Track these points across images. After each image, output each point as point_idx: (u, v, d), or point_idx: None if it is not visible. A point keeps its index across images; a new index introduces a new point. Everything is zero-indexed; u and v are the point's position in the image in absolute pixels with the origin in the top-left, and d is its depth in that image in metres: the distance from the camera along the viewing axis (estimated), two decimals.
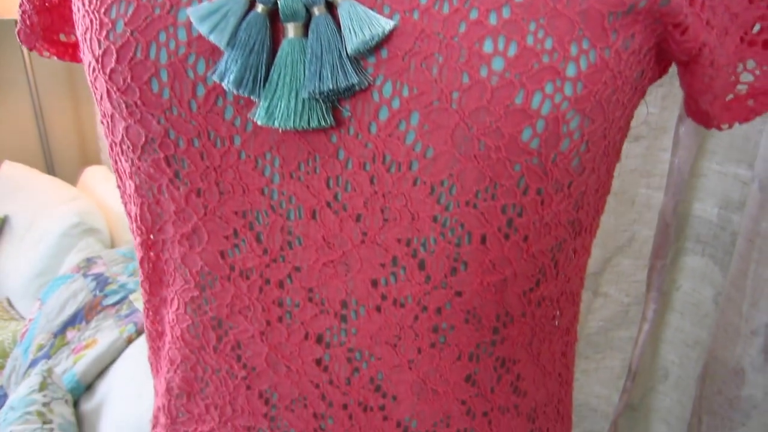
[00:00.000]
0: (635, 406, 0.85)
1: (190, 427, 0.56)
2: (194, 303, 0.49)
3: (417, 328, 0.46)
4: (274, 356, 0.48)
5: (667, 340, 0.83)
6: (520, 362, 0.49)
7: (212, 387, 0.52)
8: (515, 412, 0.51)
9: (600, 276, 0.79)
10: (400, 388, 0.48)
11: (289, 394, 0.50)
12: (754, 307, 0.61)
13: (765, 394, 0.62)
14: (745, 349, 0.63)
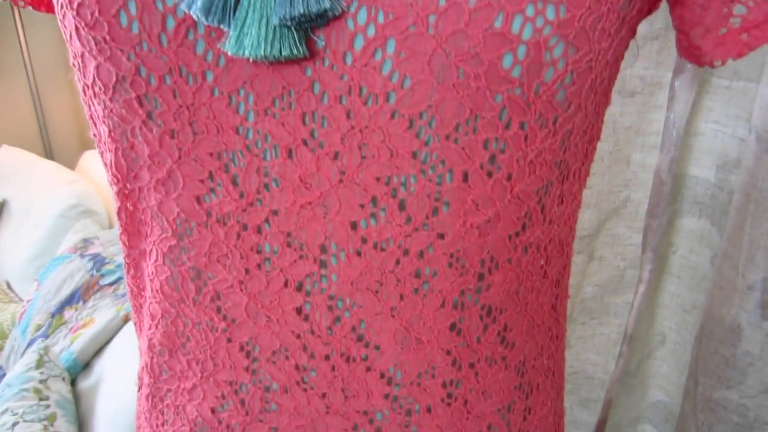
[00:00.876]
0: (632, 372, 0.84)
1: (173, 385, 0.55)
2: (172, 253, 0.48)
3: (399, 273, 0.44)
4: (253, 306, 0.47)
5: (664, 305, 0.81)
6: (507, 311, 0.48)
7: (193, 341, 0.51)
8: (503, 365, 0.50)
9: (595, 239, 0.78)
10: (383, 336, 0.47)
11: (270, 346, 0.48)
12: (751, 261, 0.60)
13: (762, 350, 0.61)
14: (741, 305, 0.61)
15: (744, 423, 0.65)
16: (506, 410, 0.52)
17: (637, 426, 0.89)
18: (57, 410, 1.26)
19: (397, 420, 0.50)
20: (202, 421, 0.54)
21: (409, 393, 0.49)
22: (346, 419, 0.50)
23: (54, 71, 2.53)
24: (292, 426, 0.51)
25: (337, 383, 0.49)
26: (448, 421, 0.50)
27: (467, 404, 0.50)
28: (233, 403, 0.52)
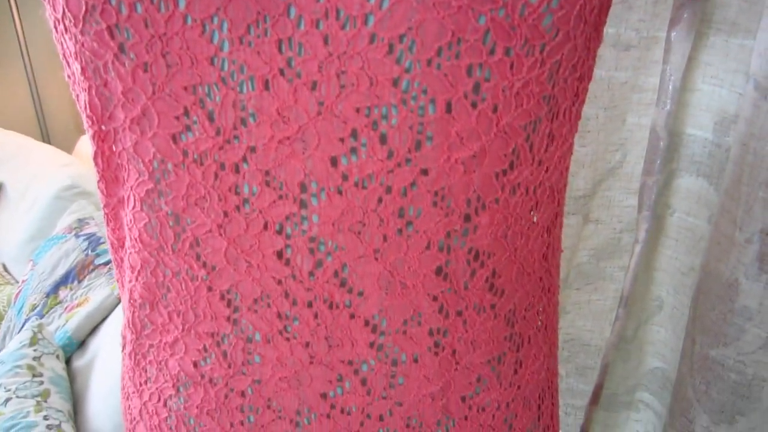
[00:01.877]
0: (628, 338, 0.83)
1: (155, 340, 0.54)
2: (149, 198, 0.46)
3: (381, 213, 0.43)
4: (233, 251, 0.46)
5: (661, 269, 0.80)
6: (495, 256, 0.46)
7: (173, 292, 0.49)
8: (492, 313, 0.49)
9: (590, 200, 0.76)
10: (367, 281, 0.45)
11: (251, 293, 0.47)
12: (748, 214, 0.58)
13: (760, 305, 0.59)
14: (739, 259, 0.60)
15: (742, 381, 0.63)
16: (496, 362, 0.51)
17: (635, 394, 0.87)
18: (50, 387, 1.25)
19: (383, 370, 0.48)
20: (184, 375, 0.52)
21: (395, 341, 0.47)
22: (331, 370, 0.49)
23: (51, 56, 2.51)
24: (276, 378, 0.50)
25: (320, 331, 0.47)
26: (435, 372, 0.49)
27: (455, 354, 0.49)
28: (215, 356, 0.50)
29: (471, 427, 0.52)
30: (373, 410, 0.50)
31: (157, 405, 0.56)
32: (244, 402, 0.51)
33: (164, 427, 0.56)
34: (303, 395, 0.50)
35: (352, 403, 0.49)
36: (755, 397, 0.63)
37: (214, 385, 0.51)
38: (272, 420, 0.51)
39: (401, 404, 0.49)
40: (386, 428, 0.50)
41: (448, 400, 0.50)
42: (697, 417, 0.67)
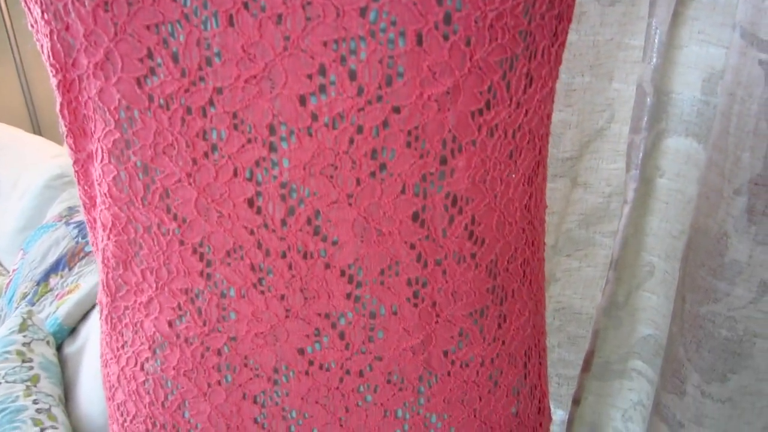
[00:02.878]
0: (619, 305, 0.82)
1: (129, 301, 0.52)
2: (117, 148, 0.45)
3: (354, 154, 0.41)
4: (203, 201, 0.44)
5: (652, 233, 0.79)
6: (474, 202, 0.45)
7: (146, 249, 0.48)
8: (472, 263, 0.47)
9: (578, 162, 0.75)
10: (341, 228, 0.44)
11: (223, 245, 0.46)
12: (737, 165, 0.57)
13: (749, 257, 0.58)
14: (728, 212, 0.58)
15: (733, 337, 0.62)
16: (479, 315, 0.50)
17: (627, 362, 0.86)
18: (40, 372, 1.24)
19: (361, 323, 0.47)
20: (160, 336, 0.51)
21: (373, 292, 0.46)
22: (307, 324, 0.47)
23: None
24: (251, 334, 0.48)
25: (295, 283, 0.46)
26: (415, 325, 0.48)
27: (436, 306, 0.48)
28: (190, 314, 0.49)
29: (454, 383, 0.51)
30: (353, 365, 0.48)
31: (134, 369, 0.54)
32: (220, 361, 0.50)
33: (142, 391, 0.55)
34: (280, 351, 0.48)
35: (330, 359, 0.48)
36: (746, 354, 0.62)
37: (190, 345, 0.50)
38: (250, 379, 0.50)
39: (381, 359, 0.48)
40: (366, 384, 0.49)
41: (429, 355, 0.49)
42: (689, 377, 0.66)
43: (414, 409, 0.51)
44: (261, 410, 0.51)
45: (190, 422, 0.53)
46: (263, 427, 0.51)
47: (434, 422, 0.52)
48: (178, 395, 0.53)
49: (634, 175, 0.71)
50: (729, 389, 0.64)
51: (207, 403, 0.52)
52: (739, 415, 0.66)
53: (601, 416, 0.92)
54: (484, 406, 0.53)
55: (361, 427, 0.51)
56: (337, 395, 0.49)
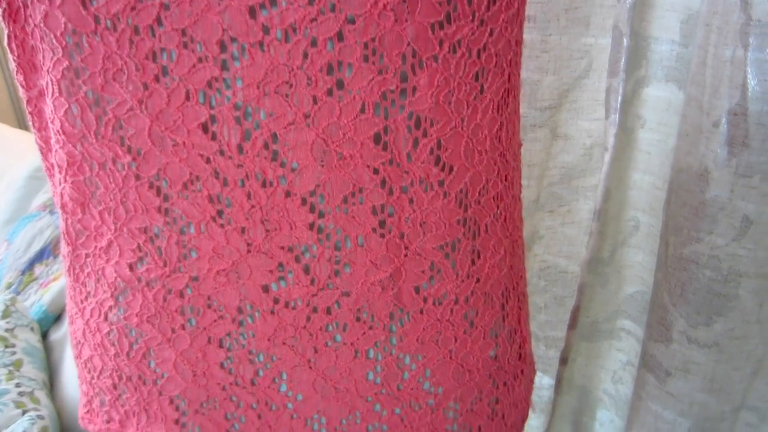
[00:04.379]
0: (605, 261, 0.80)
1: (90, 248, 0.51)
2: (66, 78, 0.43)
3: (309, 70, 0.40)
4: (157, 129, 0.43)
5: (635, 187, 0.77)
6: (440, 125, 0.43)
7: (102, 187, 0.46)
8: (440, 191, 0.46)
9: (557, 112, 0.73)
10: (300, 152, 0.42)
11: (179, 177, 0.44)
12: (715, 95, 0.56)
13: (731, 192, 0.56)
14: (707, 146, 0.57)
15: (717, 277, 0.61)
16: (450, 249, 0.48)
17: (615, 321, 0.85)
18: (24, 357, 1.22)
19: (326, 255, 0.45)
20: (121, 282, 0.49)
21: (336, 222, 0.44)
22: (270, 258, 0.46)
23: None
24: (213, 272, 0.47)
25: (255, 214, 0.44)
26: (383, 257, 0.46)
27: (404, 238, 0.46)
28: (150, 255, 0.47)
29: (427, 321, 0.49)
30: (320, 302, 0.47)
31: (98, 321, 0.53)
32: (183, 303, 0.48)
33: (107, 343, 0.53)
34: (244, 290, 0.47)
35: (296, 296, 0.47)
36: (732, 294, 0.60)
37: (152, 288, 0.48)
38: (214, 321, 0.48)
39: (349, 294, 0.47)
40: (335, 322, 0.47)
41: (399, 290, 0.47)
42: (674, 323, 0.65)
43: (386, 349, 0.49)
44: (227, 354, 0.49)
45: (156, 372, 0.52)
46: (230, 373, 0.50)
47: (408, 364, 0.50)
48: (143, 344, 0.51)
49: (613, 120, 0.69)
50: (715, 333, 0.63)
51: (172, 349, 0.50)
52: (727, 361, 0.64)
53: (591, 379, 0.90)
54: (460, 348, 0.51)
55: (331, 369, 0.49)
56: (305, 335, 0.48)
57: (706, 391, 0.65)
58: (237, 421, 0.52)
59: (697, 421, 0.67)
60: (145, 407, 0.54)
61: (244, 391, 0.50)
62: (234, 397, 0.51)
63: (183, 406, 0.52)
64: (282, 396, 0.50)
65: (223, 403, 0.51)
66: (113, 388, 0.55)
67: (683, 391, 0.66)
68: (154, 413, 0.53)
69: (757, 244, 0.58)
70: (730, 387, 0.65)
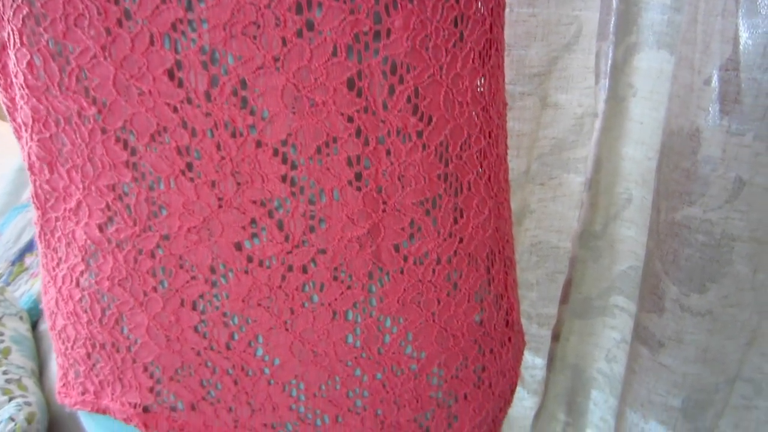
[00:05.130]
0: (597, 234, 0.78)
1: (59, 211, 0.49)
2: (27, 27, 0.41)
3: (277, 10, 0.38)
4: (121, 77, 0.41)
5: (628, 157, 0.75)
6: (417, 71, 0.42)
7: (69, 144, 0.45)
8: (419, 143, 0.44)
9: (546, 79, 0.71)
10: (270, 99, 0.40)
11: (146, 128, 0.42)
12: (706, 53, 0.54)
13: (723, 152, 0.55)
14: (699, 105, 0.55)
15: (710, 241, 0.59)
16: (431, 205, 0.46)
17: (609, 298, 0.83)
18: (12, 345, 1.20)
19: (300, 210, 0.44)
20: (91, 244, 0.48)
21: (310, 174, 0.43)
22: (243, 213, 0.44)
23: None
24: (184, 230, 0.45)
25: (225, 167, 0.42)
26: (360, 212, 0.44)
27: (382, 192, 0.44)
28: (119, 214, 0.46)
29: (408, 282, 0.47)
30: (295, 260, 0.45)
31: (70, 288, 0.51)
32: (154, 264, 0.46)
33: (79, 310, 0.51)
34: (216, 248, 0.45)
35: (270, 253, 0.45)
36: (725, 260, 0.59)
37: (122, 249, 0.47)
38: (186, 282, 0.47)
39: (325, 252, 0.45)
40: (312, 282, 0.46)
41: (378, 248, 0.46)
42: (666, 291, 0.63)
43: (365, 310, 0.47)
44: (200, 317, 0.47)
45: (129, 338, 0.50)
46: (204, 337, 0.48)
47: (389, 326, 0.48)
48: (115, 309, 0.49)
49: (603, 85, 0.68)
50: (708, 301, 0.61)
51: (144, 313, 0.48)
52: (721, 330, 0.62)
53: (584, 358, 0.88)
54: (443, 311, 0.49)
55: (309, 331, 0.47)
56: (281, 295, 0.46)
57: (699, 361, 0.64)
58: (213, 387, 0.50)
59: (690, 393, 0.65)
60: (120, 376, 0.52)
61: (219, 356, 0.49)
62: (209, 363, 0.49)
63: (157, 374, 0.51)
64: (258, 360, 0.48)
65: (198, 369, 0.49)
66: (87, 357, 0.53)
67: (676, 362, 0.64)
68: (129, 382, 0.52)
69: (751, 206, 0.56)
70: (724, 357, 0.63)
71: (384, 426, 0.51)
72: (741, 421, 0.70)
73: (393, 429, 0.52)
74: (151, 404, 0.52)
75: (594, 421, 0.92)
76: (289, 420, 0.50)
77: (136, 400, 0.52)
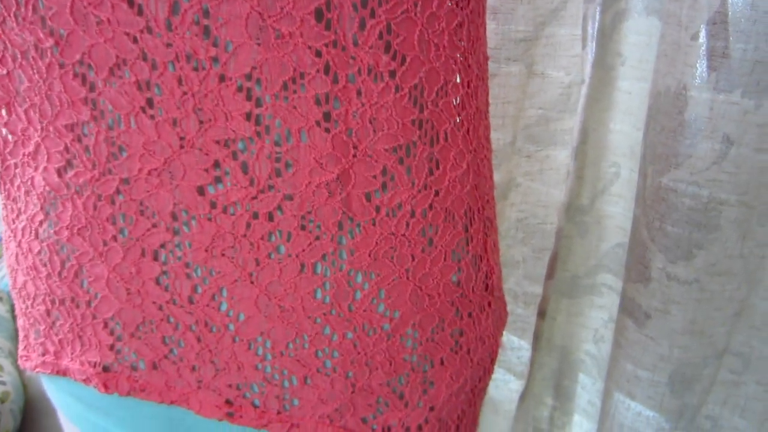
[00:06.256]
0: (584, 208, 0.76)
1: (18, 156, 0.47)
2: None
3: None
4: (79, 5, 0.39)
5: (616, 130, 0.73)
6: (389, 5, 0.39)
7: (26, 81, 0.43)
8: (392, 83, 0.42)
9: (533, 46, 0.69)
10: (232, 29, 0.38)
11: (105, 61, 0.40)
12: (694, 7, 0.52)
13: (711, 110, 0.53)
14: (686, 62, 0.53)
15: (697, 206, 0.57)
16: (404, 153, 0.44)
17: (596, 276, 0.81)
18: None
19: (266, 151, 0.41)
20: (50, 190, 0.46)
21: (276, 112, 0.40)
22: (205, 155, 0.42)
23: None
24: (144, 172, 0.43)
25: (187, 103, 0.40)
26: (329, 156, 0.42)
27: (352, 135, 0.42)
28: (78, 157, 0.43)
29: (381, 234, 0.45)
30: (260, 207, 0.43)
31: (30, 241, 0.49)
32: (114, 211, 0.44)
33: (38, 264, 0.49)
34: (178, 192, 0.43)
35: (234, 199, 0.43)
36: (713, 225, 0.57)
37: (81, 195, 0.45)
38: (147, 230, 0.44)
39: (292, 198, 0.43)
40: (278, 231, 0.44)
41: (348, 196, 0.44)
42: (653, 259, 0.61)
43: (335, 263, 0.45)
44: (162, 268, 0.45)
45: (89, 292, 0.48)
46: (166, 289, 0.46)
47: (360, 282, 0.46)
48: (74, 260, 0.47)
49: (590, 48, 0.66)
50: (695, 268, 0.59)
51: (104, 265, 0.46)
52: (708, 300, 0.60)
53: (571, 338, 0.86)
54: (418, 268, 0.47)
55: (275, 284, 0.45)
56: (245, 245, 0.44)
57: (687, 333, 0.62)
58: (175, 345, 0.48)
59: (678, 368, 0.63)
60: (79, 333, 0.50)
61: (181, 310, 0.46)
62: (171, 318, 0.47)
63: (118, 330, 0.48)
64: (222, 316, 0.46)
65: (160, 325, 0.47)
66: (47, 315, 0.51)
67: (663, 334, 0.62)
68: (88, 339, 0.50)
69: (739, 168, 0.54)
70: (712, 330, 0.62)
71: (355, 389, 0.49)
72: (730, 397, 0.68)
73: (365, 393, 0.50)
74: (111, 363, 0.50)
75: (582, 405, 0.90)
76: (255, 381, 0.48)
77: (95, 359, 0.50)
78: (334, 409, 0.49)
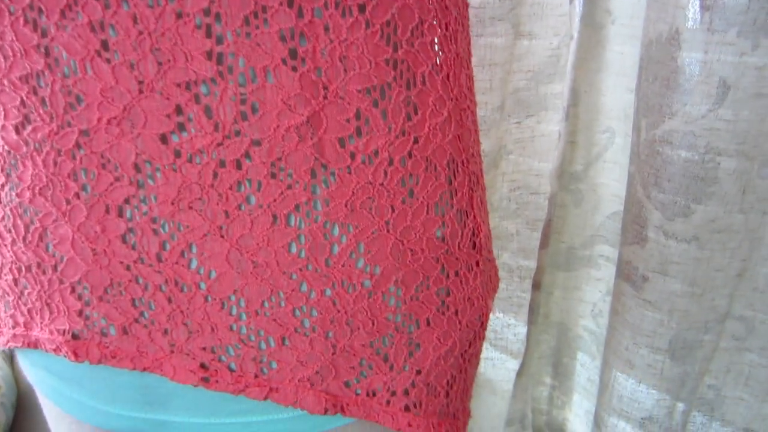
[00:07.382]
0: (578, 175, 0.74)
1: None
2: None
3: None
4: None
5: (608, 93, 0.71)
6: None
7: None
8: (362, 19, 0.39)
9: (519, 5, 0.67)
10: None
11: (56, 3, 0.38)
12: None
13: (705, 53, 0.50)
14: (678, 4, 0.51)
15: (693, 157, 0.54)
16: (379, 96, 0.42)
17: (593, 247, 0.78)
18: None
19: (230, 93, 0.39)
20: (9, 150, 0.43)
21: (239, 50, 0.38)
22: (167, 99, 0.39)
23: None
24: (104, 122, 0.40)
25: (144, 43, 0.38)
26: (297, 96, 0.40)
27: (322, 75, 0.40)
28: (35, 110, 0.41)
29: (357, 183, 0.43)
30: (227, 154, 0.41)
31: None
32: (75, 166, 0.42)
33: (2, 231, 0.47)
34: (140, 142, 0.41)
35: (199, 146, 0.40)
36: (710, 178, 0.54)
37: (41, 152, 0.42)
38: (110, 184, 0.42)
39: (260, 143, 0.40)
40: (247, 180, 0.41)
41: (320, 141, 0.41)
42: (649, 218, 0.58)
43: (310, 215, 0.43)
44: (128, 225, 0.43)
45: (55, 256, 0.46)
46: (133, 248, 0.44)
47: (337, 235, 0.44)
48: (38, 223, 0.45)
49: (578, 3, 0.64)
50: (694, 225, 0.56)
51: (68, 225, 0.44)
52: (708, 259, 0.58)
53: (569, 314, 0.84)
54: (399, 220, 0.45)
55: (247, 238, 0.43)
56: (214, 196, 0.42)
57: (686, 296, 0.59)
58: (146, 307, 0.46)
59: (678, 332, 0.61)
60: (47, 301, 0.48)
61: (150, 269, 0.44)
62: (140, 279, 0.45)
63: (86, 294, 0.46)
64: (193, 273, 0.44)
65: (128, 287, 0.45)
66: (14, 284, 0.49)
67: (662, 297, 0.59)
68: (56, 306, 0.47)
69: (737, 115, 0.51)
70: (714, 292, 0.59)
71: (336, 350, 0.47)
72: (733, 365, 0.65)
73: (346, 354, 0.47)
74: (80, 330, 0.47)
75: (581, 383, 0.88)
76: (230, 343, 0.46)
77: (64, 326, 0.47)
78: (315, 372, 0.47)
